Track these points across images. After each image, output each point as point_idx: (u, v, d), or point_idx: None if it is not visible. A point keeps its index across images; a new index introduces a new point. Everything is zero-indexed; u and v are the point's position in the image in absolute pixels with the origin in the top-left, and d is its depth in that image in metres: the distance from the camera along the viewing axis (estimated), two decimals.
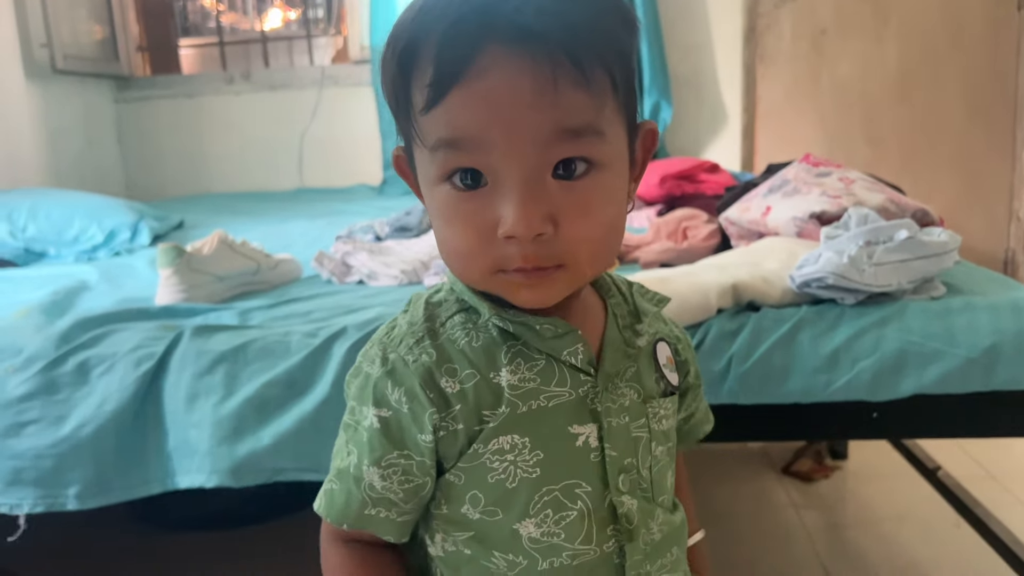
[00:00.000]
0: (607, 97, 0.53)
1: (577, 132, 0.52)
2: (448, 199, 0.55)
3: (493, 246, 0.54)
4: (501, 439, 0.59)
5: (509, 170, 0.52)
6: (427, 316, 0.61)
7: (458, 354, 0.59)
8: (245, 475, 1.17)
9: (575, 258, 0.55)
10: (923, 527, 1.82)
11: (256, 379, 1.19)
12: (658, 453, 0.65)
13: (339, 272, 1.63)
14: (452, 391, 0.59)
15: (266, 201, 3.05)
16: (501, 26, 0.50)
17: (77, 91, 3.16)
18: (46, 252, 2.08)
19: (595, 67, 0.51)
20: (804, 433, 1.26)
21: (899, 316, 1.15)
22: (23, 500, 1.19)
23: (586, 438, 0.61)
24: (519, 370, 0.59)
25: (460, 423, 0.59)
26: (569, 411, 0.60)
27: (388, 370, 0.59)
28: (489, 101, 0.51)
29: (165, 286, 1.48)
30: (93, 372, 1.23)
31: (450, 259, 0.58)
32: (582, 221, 0.54)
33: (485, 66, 0.50)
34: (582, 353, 0.60)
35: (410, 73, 0.53)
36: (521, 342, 0.60)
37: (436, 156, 0.54)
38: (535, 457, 0.60)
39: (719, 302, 1.16)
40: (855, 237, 1.19)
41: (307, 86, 3.39)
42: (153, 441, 1.21)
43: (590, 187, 0.54)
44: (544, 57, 0.50)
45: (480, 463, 0.60)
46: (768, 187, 1.51)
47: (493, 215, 0.53)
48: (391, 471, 0.60)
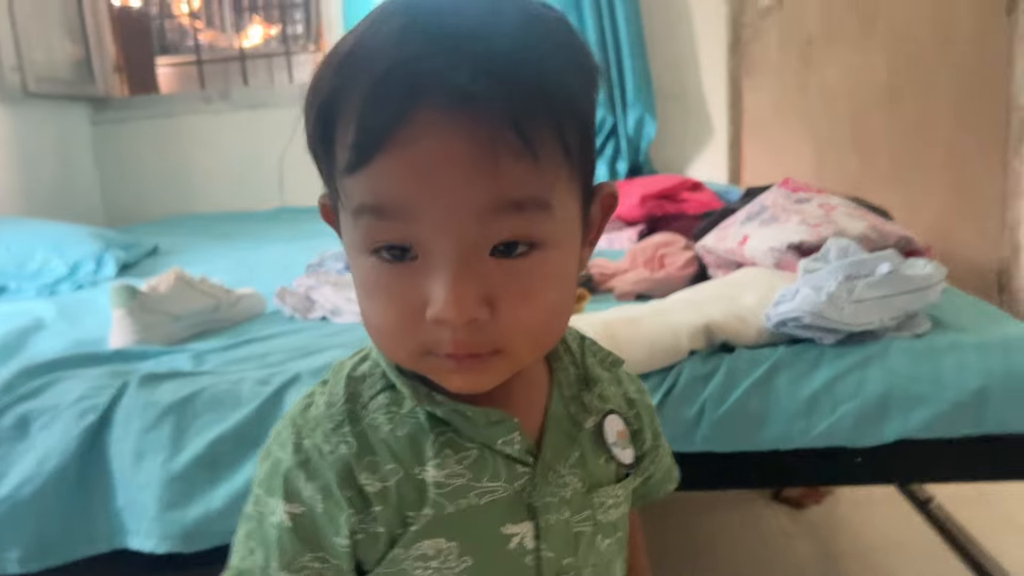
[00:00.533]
0: (558, 167, 0.46)
1: (519, 205, 0.46)
2: (371, 270, 0.49)
3: (421, 328, 0.47)
4: (425, 543, 0.53)
5: (440, 245, 0.46)
6: (348, 395, 0.55)
7: (380, 444, 0.53)
8: (198, 540, 1.10)
9: (512, 345, 0.48)
10: (916, 556, 1.76)
11: (205, 434, 1.13)
12: (603, 547, 0.59)
13: (302, 308, 1.57)
14: (373, 490, 0.52)
15: (245, 222, 3.01)
16: (433, 86, 0.43)
17: (52, 114, 3.11)
18: (6, 286, 2.01)
19: (543, 135, 0.45)
20: (784, 480, 1.20)
21: (882, 357, 1.09)
22: None
23: (520, 539, 0.54)
24: (447, 464, 0.53)
25: (381, 526, 0.53)
26: (502, 509, 0.54)
27: (302, 460, 0.52)
28: (418, 171, 0.44)
29: (118, 328, 1.42)
30: (33, 426, 1.17)
31: (374, 336, 0.51)
32: (522, 306, 0.47)
33: (414, 131, 0.43)
34: (518, 443, 0.54)
35: (331, 129, 0.47)
36: (452, 428, 0.53)
37: (359, 222, 0.47)
38: (463, 564, 0.53)
39: (691, 343, 1.11)
40: (835, 271, 1.13)
41: (286, 104, 3.33)
42: (98, 499, 1.15)
43: (533, 267, 0.48)
44: (483, 125, 0.43)
45: (401, 569, 0.53)
46: (746, 214, 1.45)
47: (421, 293, 0.47)
48: (304, 575, 0.53)
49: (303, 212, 3.12)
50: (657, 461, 0.68)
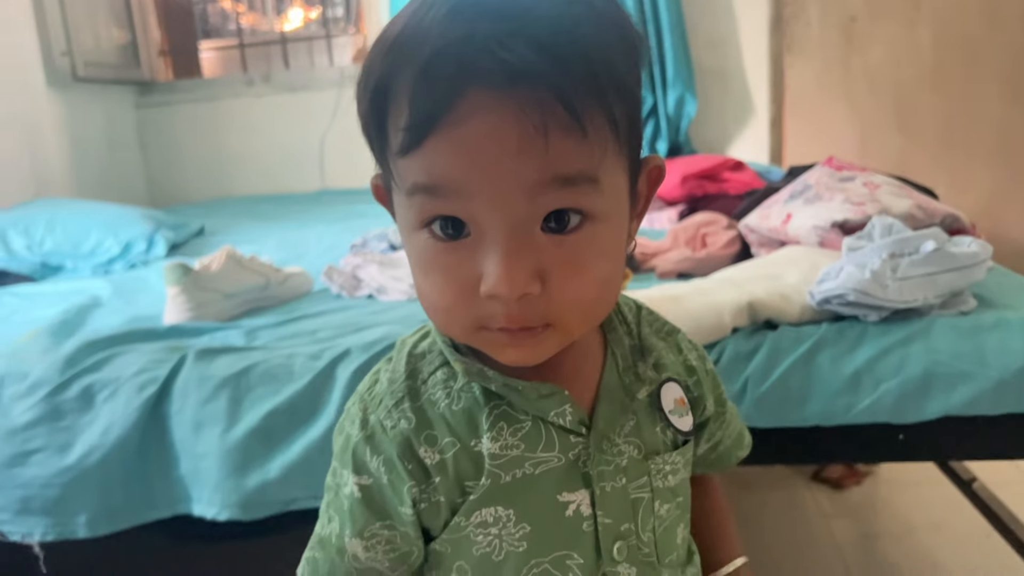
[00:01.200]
0: (606, 142, 0.47)
1: (570, 180, 0.46)
2: (426, 248, 0.50)
3: (475, 303, 0.49)
4: (484, 511, 0.55)
5: (493, 221, 0.47)
6: (409, 372, 0.57)
7: (439, 419, 0.55)
8: (256, 508, 1.15)
9: (564, 318, 0.50)
10: (957, 538, 1.76)
11: (259, 407, 1.16)
12: (663, 512, 0.60)
13: (349, 286, 1.60)
14: (432, 462, 0.55)
15: (287, 204, 3.05)
16: (483, 65, 0.44)
17: (99, 98, 3.17)
18: (63, 266, 2.08)
19: (592, 110, 0.45)
20: (826, 457, 1.21)
21: (925, 334, 1.09)
22: (34, 529, 1.19)
23: (577, 506, 0.56)
24: (501, 436, 0.55)
25: (441, 495, 0.55)
26: (558, 478, 0.56)
27: (368, 435, 0.56)
28: (470, 149, 0.45)
29: (172, 304, 1.46)
30: (97, 397, 1.22)
31: (429, 312, 0.53)
32: (573, 279, 0.49)
33: (466, 111, 0.44)
34: (571, 414, 0.55)
35: (384, 112, 0.48)
36: (506, 402, 0.55)
37: (413, 201, 0.49)
38: (521, 530, 0.55)
39: (734, 321, 1.11)
40: (879, 249, 1.13)
41: (327, 87, 3.36)
42: (159, 467, 1.20)
43: (583, 241, 0.48)
44: (532, 102, 0.44)
45: (464, 535, 0.56)
46: (789, 192, 1.45)
47: (475, 270, 0.48)
48: (374, 542, 0.57)
49: (344, 194, 3.16)
50: (724, 427, 0.69)
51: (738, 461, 0.72)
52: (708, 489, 0.74)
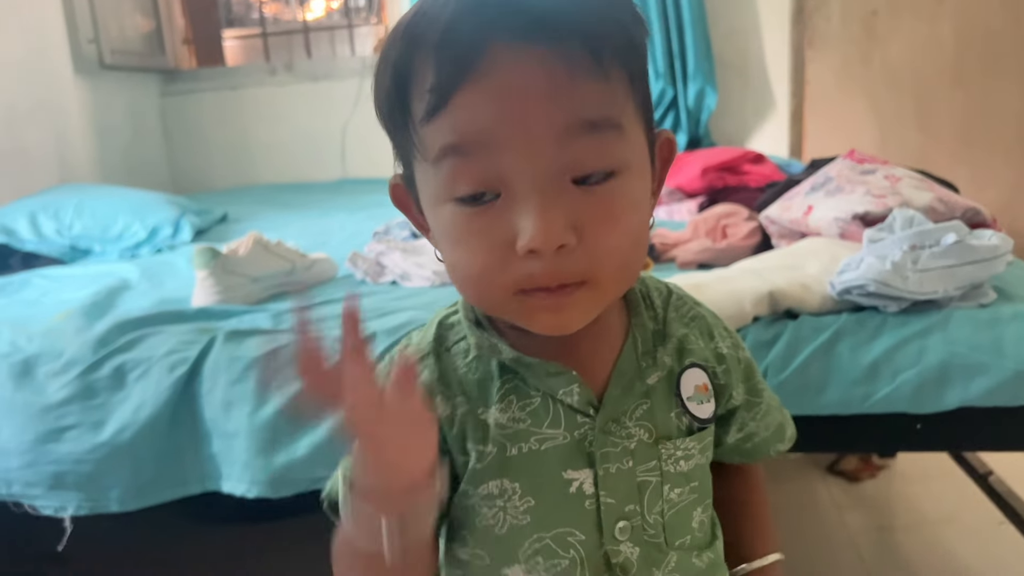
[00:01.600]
0: (625, 91, 0.49)
1: (595, 125, 0.48)
2: (456, 217, 0.50)
3: (511, 264, 0.49)
4: (491, 483, 0.57)
5: (523, 174, 0.48)
6: (436, 337, 0.61)
7: (455, 380, 0.58)
8: (283, 486, 1.18)
9: (600, 273, 0.50)
10: (972, 531, 1.76)
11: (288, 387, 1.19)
12: (674, 496, 0.60)
13: (373, 272, 1.63)
14: (444, 414, 0.57)
15: (309, 193, 3.08)
16: (503, 20, 0.46)
17: (124, 85, 3.21)
18: (91, 249, 2.12)
19: (612, 60, 0.48)
20: (844, 445, 1.22)
21: (943, 326, 1.10)
22: (67, 503, 1.22)
23: (580, 484, 0.57)
24: (510, 408, 0.57)
25: (451, 448, 0.58)
26: (563, 455, 0.57)
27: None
28: (499, 99, 0.46)
29: (201, 288, 1.49)
30: (129, 376, 1.25)
31: (463, 285, 0.54)
32: (607, 230, 0.49)
33: (490, 64, 0.46)
34: (578, 394, 0.57)
35: (407, 83, 0.49)
36: (519, 377, 0.57)
37: (441, 168, 0.50)
38: (526, 504, 0.57)
39: (754, 310, 1.13)
40: (899, 241, 1.14)
41: (349, 76, 3.39)
42: (190, 444, 1.23)
43: (613, 192, 0.50)
44: (556, 48, 0.46)
45: (470, 505, 0.58)
46: (811, 185, 1.46)
47: (508, 229, 0.49)
48: None
49: (365, 183, 3.19)
50: (759, 418, 0.68)
51: (777, 454, 0.71)
52: (748, 479, 0.74)
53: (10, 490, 1.22)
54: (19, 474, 1.22)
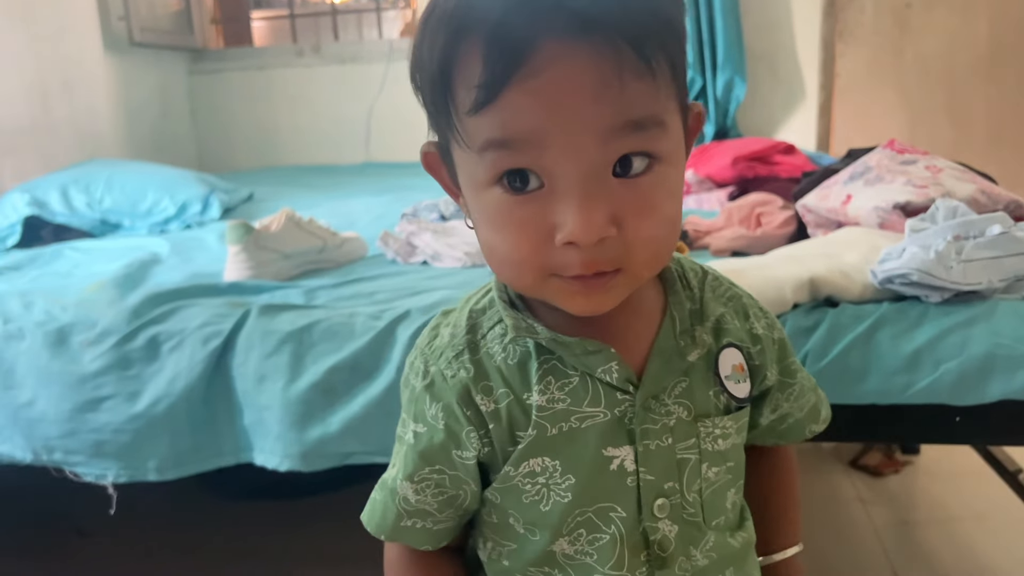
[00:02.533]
0: (669, 86, 0.49)
1: (640, 124, 0.48)
2: (499, 204, 0.51)
3: (549, 253, 0.50)
4: (531, 461, 0.57)
5: (567, 169, 0.48)
6: (469, 326, 0.60)
7: (495, 371, 0.58)
8: (315, 460, 1.19)
9: (635, 260, 0.51)
10: (998, 529, 1.75)
11: (321, 362, 1.19)
12: (711, 475, 0.60)
13: (404, 252, 1.63)
14: (487, 410, 0.57)
15: (333, 175, 3.08)
16: (554, 18, 0.45)
17: (153, 63, 3.22)
18: (121, 224, 2.13)
19: (658, 55, 0.47)
20: (881, 435, 1.21)
21: (988, 317, 1.08)
22: (107, 471, 1.24)
23: (621, 461, 0.57)
24: (549, 389, 0.57)
25: (496, 442, 0.58)
26: (603, 433, 0.57)
27: (427, 384, 0.59)
28: (548, 98, 0.46)
29: (233, 263, 1.50)
30: (163, 348, 1.25)
31: (500, 267, 0.54)
32: (646, 220, 0.50)
33: (542, 62, 0.46)
34: (617, 371, 0.56)
35: (452, 71, 0.49)
36: (556, 357, 0.57)
37: (484, 158, 0.50)
38: (567, 481, 0.57)
39: (795, 296, 1.12)
40: (943, 231, 1.13)
41: (375, 60, 3.38)
42: (224, 416, 1.24)
43: (652, 183, 0.50)
44: (607, 48, 0.46)
45: (513, 485, 0.59)
46: (849, 174, 1.44)
47: (549, 220, 0.49)
48: (424, 485, 0.60)
49: (390, 167, 3.18)
50: (794, 399, 0.67)
51: (812, 435, 0.71)
52: (780, 464, 0.73)
53: (52, 456, 1.24)
54: (60, 442, 1.24)
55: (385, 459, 1.18)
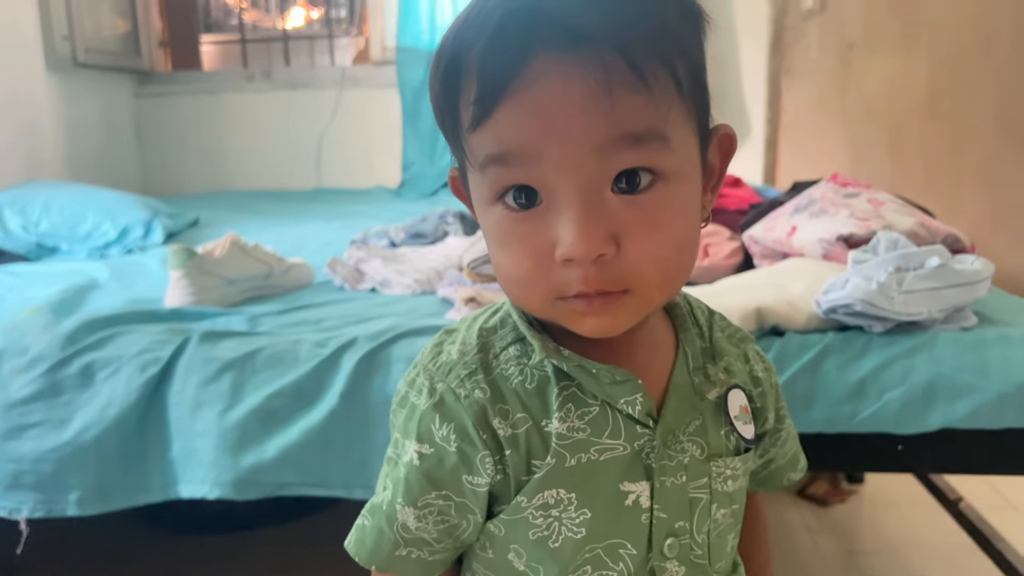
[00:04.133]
0: (671, 99, 0.48)
1: (638, 138, 0.47)
2: (501, 221, 0.51)
3: (551, 271, 0.49)
4: (547, 493, 0.55)
5: (564, 184, 0.48)
6: (481, 345, 0.57)
7: (511, 394, 0.55)
8: (248, 488, 1.14)
9: (642, 281, 0.49)
10: (941, 556, 1.77)
11: (263, 389, 1.16)
12: (719, 516, 0.59)
13: (352, 279, 1.60)
14: (505, 435, 0.54)
15: (283, 201, 3.04)
16: (545, 30, 0.45)
17: (98, 85, 3.16)
18: (58, 247, 2.06)
19: (654, 66, 0.46)
20: (826, 464, 1.22)
21: (929, 346, 1.10)
22: (22, 504, 1.17)
23: (637, 497, 0.56)
24: (569, 417, 0.54)
25: (510, 470, 0.55)
26: (622, 467, 0.55)
27: (435, 403, 0.55)
28: (538, 112, 0.46)
29: (175, 288, 1.46)
30: (98, 375, 1.21)
31: (507, 285, 0.53)
32: (648, 238, 0.48)
33: (532, 76, 0.46)
34: (641, 404, 0.55)
35: (455, 92, 0.50)
36: (576, 383, 0.55)
37: (486, 174, 0.50)
38: (581, 516, 0.55)
39: (742, 325, 1.12)
40: (884, 262, 1.15)
41: (327, 86, 3.37)
42: (156, 448, 1.19)
43: (656, 200, 0.49)
44: (595, 62, 0.45)
45: (522, 517, 0.56)
46: (794, 206, 1.47)
47: (549, 236, 0.49)
48: (427, 511, 0.56)
49: (341, 193, 3.16)
50: (780, 445, 0.68)
51: (789, 483, 0.71)
52: (757, 513, 0.73)
53: None
54: None
55: (323, 491, 1.16)
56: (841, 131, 3.15)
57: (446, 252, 1.68)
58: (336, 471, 1.15)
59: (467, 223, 1.92)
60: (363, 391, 1.15)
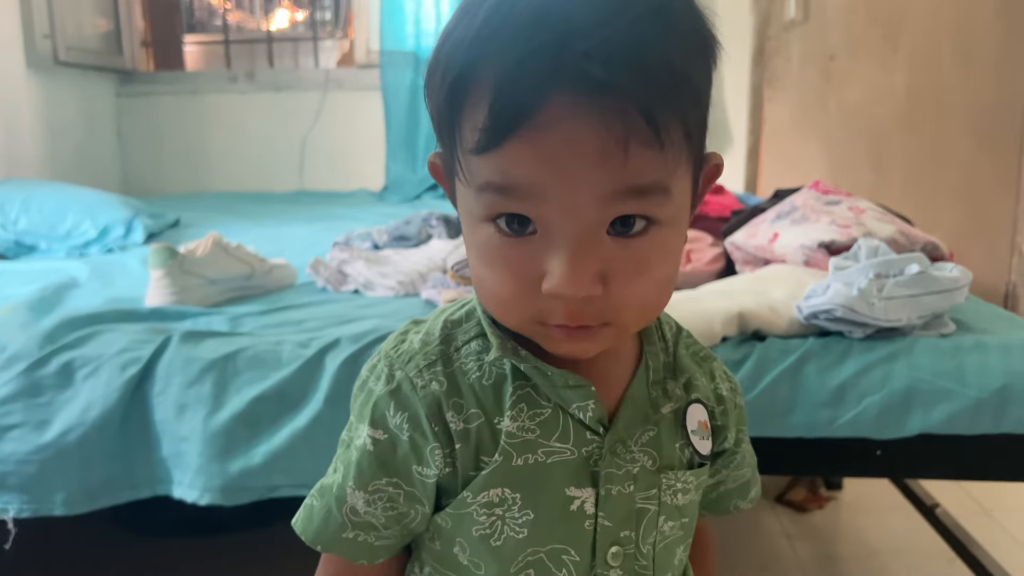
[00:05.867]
0: (680, 153, 0.47)
1: (643, 191, 0.47)
2: (490, 241, 0.50)
3: (534, 298, 0.49)
4: (491, 492, 0.55)
5: (562, 224, 0.47)
6: (443, 337, 0.57)
7: (468, 389, 0.55)
8: (237, 494, 1.14)
9: (622, 317, 0.50)
10: (917, 562, 1.79)
11: (246, 391, 1.15)
12: (666, 529, 0.59)
13: (335, 280, 1.60)
14: (456, 428, 0.54)
15: (265, 203, 3.03)
16: (567, 75, 0.43)
17: (79, 84, 3.13)
18: (37, 246, 2.04)
19: (671, 122, 0.45)
20: (805, 469, 1.24)
21: (908, 352, 1.12)
22: (8, 505, 1.16)
23: (582, 503, 0.56)
24: (520, 417, 0.55)
25: (459, 463, 0.55)
26: (568, 471, 0.55)
27: (392, 390, 0.55)
28: (549, 157, 0.45)
29: (156, 287, 1.45)
30: (78, 374, 1.19)
31: (487, 302, 0.53)
32: (636, 281, 0.49)
33: (548, 118, 0.44)
34: (592, 410, 0.55)
35: (460, 107, 0.48)
36: (531, 384, 0.55)
37: (482, 197, 0.49)
38: (524, 516, 0.55)
39: (724, 330, 1.14)
40: (865, 269, 1.16)
41: (311, 88, 3.36)
42: (140, 446, 1.18)
43: (647, 245, 0.49)
44: (615, 114, 0.44)
45: (467, 513, 0.56)
46: (776, 213, 1.48)
47: (539, 266, 0.48)
48: (376, 497, 0.56)
49: (323, 196, 3.15)
50: (733, 468, 0.67)
51: (736, 510, 0.70)
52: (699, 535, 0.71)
53: None
54: None
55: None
56: (822, 141, 3.18)
57: (430, 255, 1.68)
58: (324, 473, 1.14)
59: (451, 226, 1.92)
60: (348, 393, 1.15)
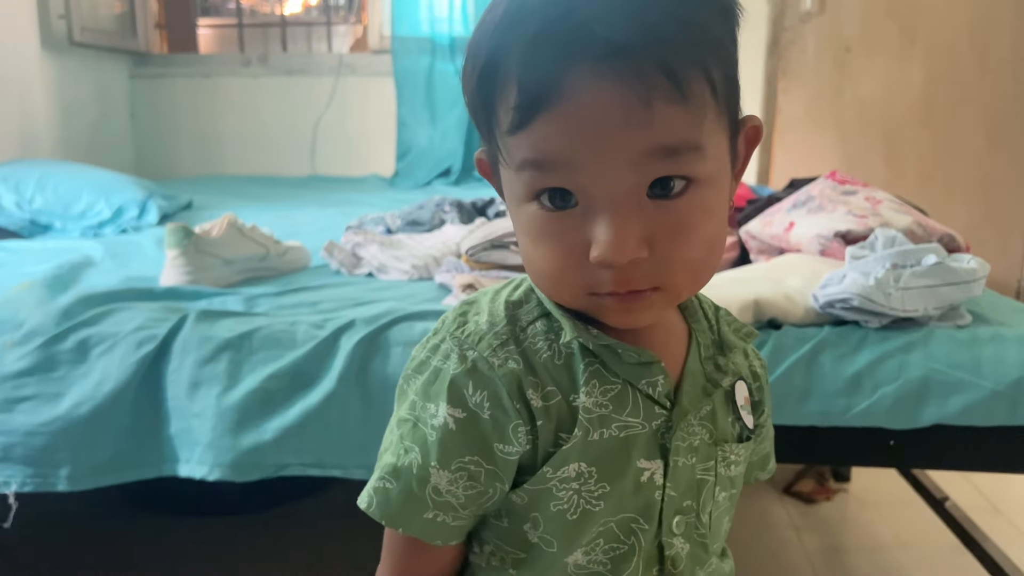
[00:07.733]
0: (705, 107, 0.48)
1: (674, 150, 0.48)
2: (536, 218, 0.52)
3: (584, 269, 0.50)
4: (570, 466, 0.56)
5: (600, 191, 0.49)
6: (509, 318, 0.57)
7: (541, 367, 0.55)
8: (247, 470, 1.14)
9: (672, 280, 0.51)
10: (925, 556, 1.79)
11: (260, 370, 1.16)
12: (721, 499, 0.62)
13: (349, 263, 1.60)
14: (537, 406, 0.55)
15: (277, 186, 3.03)
16: (585, 43, 0.45)
17: (93, 65, 3.14)
18: (52, 225, 2.05)
19: (692, 77, 0.47)
20: (818, 457, 1.23)
21: (924, 343, 1.12)
22: (11, 478, 1.16)
23: (652, 474, 0.57)
24: (594, 393, 0.55)
25: (539, 440, 0.55)
26: (640, 444, 0.57)
27: (468, 369, 0.55)
28: (577, 124, 0.47)
29: (171, 267, 1.45)
30: (93, 351, 1.20)
31: (538, 279, 0.55)
32: (679, 242, 0.50)
33: (572, 88, 0.46)
34: (662, 385, 0.57)
35: (492, 92, 0.50)
36: (599, 361, 0.56)
37: (522, 176, 0.51)
38: (600, 489, 0.56)
39: (740, 317, 1.13)
40: (882, 259, 1.16)
41: (324, 73, 3.36)
42: (151, 425, 1.18)
43: (688, 205, 0.50)
44: (634, 74, 0.45)
45: (546, 488, 0.56)
46: (792, 202, 1.48)
47: (584, 237, 0.50)
48: (459, 475, 0.56)
49: (335, 181, 3.15)
50: (759, 442, 0.68)
51: (755, 481, 0.72)
52: None
53: None
54: None
55: (321, 471, 1.16)
56: (835, 133, 3.16)
57: (444, 239, 1.68)
58: (335, 452, 1.15)
59: (464, 212, 1.92)
60: (362, 373, 1.16)
